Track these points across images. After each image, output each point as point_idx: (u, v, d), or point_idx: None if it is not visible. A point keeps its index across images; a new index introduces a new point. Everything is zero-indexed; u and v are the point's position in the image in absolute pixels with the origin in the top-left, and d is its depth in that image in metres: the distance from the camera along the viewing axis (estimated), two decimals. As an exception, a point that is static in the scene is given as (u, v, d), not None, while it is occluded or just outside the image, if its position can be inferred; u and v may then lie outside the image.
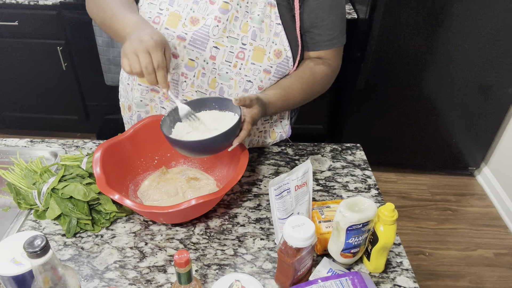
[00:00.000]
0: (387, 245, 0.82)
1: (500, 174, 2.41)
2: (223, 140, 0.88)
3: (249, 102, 0.92)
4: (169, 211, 0.84)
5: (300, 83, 1.05)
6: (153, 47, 0.83)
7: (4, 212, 1.09)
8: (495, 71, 2.14)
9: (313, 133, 2.65)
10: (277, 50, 1.00)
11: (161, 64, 0.84)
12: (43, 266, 0.61)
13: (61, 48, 2.29)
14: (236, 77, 1.02)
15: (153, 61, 0.83)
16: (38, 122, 2.65)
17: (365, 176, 1.13)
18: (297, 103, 1.08)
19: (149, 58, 0.83)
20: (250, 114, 0.93)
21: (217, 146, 0.89)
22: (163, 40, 0.86)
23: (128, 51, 0.83)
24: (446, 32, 2.03)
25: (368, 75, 2.19)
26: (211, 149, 0.91)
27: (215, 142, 0.87)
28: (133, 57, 0.83)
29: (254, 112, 0.94)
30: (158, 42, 0.84)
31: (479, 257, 2.10)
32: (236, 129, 0.89)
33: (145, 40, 0.83)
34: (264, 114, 0.99)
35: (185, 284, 0.70)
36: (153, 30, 0.86)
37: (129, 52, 0.83)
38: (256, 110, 0.94)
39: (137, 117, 1.14)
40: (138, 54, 0.82)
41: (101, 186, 0.88)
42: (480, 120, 2.32)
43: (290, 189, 0.85)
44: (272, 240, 0.94)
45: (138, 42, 0.83)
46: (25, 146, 1.19)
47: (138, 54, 0.82)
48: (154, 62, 0.83)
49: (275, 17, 0.98)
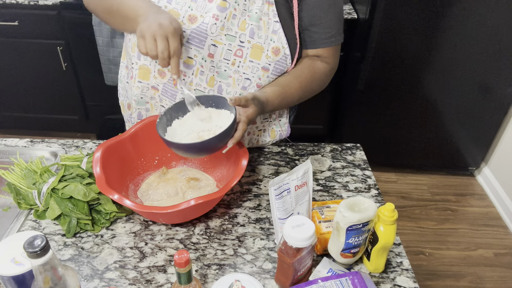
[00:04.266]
0: (387, 245, 0.82)
1: (500, 174, 2.41)
2: (218, 142, 0.89)
3: (245, 103, 0.93)
4: (168, 211, 0.84)
5: (298, 81, 1.05)
6: (172, 33, 0.84)
7: (4, 212, 1.09)
8: (495, 71, 2.14)
9: (313, 133, 2.65)
10: (275, 48, 1.00)
11: (177, 51, 0.86)
12: (43, 266, 0.61)
13: (61, 48, 2.29)
14: (235, 75, 1.02)
15: (169, 47, 0.84)
16: (38, 122, 2.65)
17: (365, 176, 1.13)
18: (295, 100, 1.08)
19: (167, 44, 0.84)
20: (246, 114, 0.93)
21: (211, 147, 0.90)
22: (180, 27, 0.88)
23: (147, 33, 0.84)
24: (446, 32, 2.03)
25: (368, 75, 2.19)
26: (206, 150, 0.92)
27: (209, 144, 0.88)
28: (151, 40, 0.84)
29: (250, 112, 0.94)
30: (177, 29, 0.85)
31: (479, 257, 2.10)
32: (231, 130, 0.90)
33: (165, 25, 0.84)
34: (261, 112, 0.99)
35: (185, 284, 0.70)
36: (171, 16, 0.88)
37: (148, 34, 0.84)
38: (252, 110, 0.94)
39: (137, 115, 1.14)
40: (156, 37, 0.84)
41: (100, 186, 0.88)
42: (480, 120, 2.32)
43: (290, 189, 0.85)
44: (272, 240, 0.94)
45: (158, 26, 0.84)
46: (25, 146, 1.19)
47: (157, 37, 0.84)
48: (171, 48, 0.85)
49: (273, 14, 0.99)
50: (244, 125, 0.92)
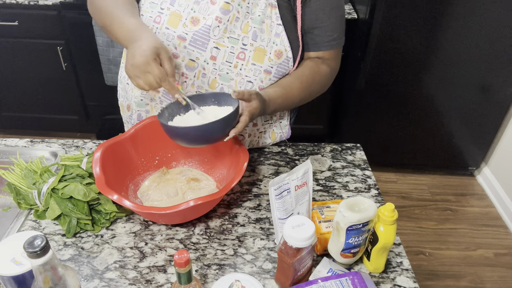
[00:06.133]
0: (387, 245, 0.82)
1: (500, 174, 2.41)
2: (218, 128, 0.88)
3: (248, 96, 0.92)
4: (167, 212, 0.84)
5: (299, 82, 1.05)
6: (146, 65, 0.83)
7: (4, 212, 1.09)
8: (495, 71, 2.14)
9: (313, 133, 2.65)
10: (278, 51, 1.00)
11: (161, 76, 0.84)
12: (43, 266, 0.61)
13: (61, 48, 2.29)
14: (237, 77, 1.02)
15: (153, 78, 0.84)
16: (38, 122, 2.65)
17: (365, 176, 1.13)
18: (296, 102, 1.08)
19: (149, 76, 0.84)
20: (249, 108, 0.92)
21: (212, 134, 0.89)
22: (155, 48, 0.84)
23: (131, 76, 0.86)
24: (446, 32, 2.03)
25: (368, 75, 2.19)
26: (206, 138, 0.90)
27: (209, 129, 0.86)
28: (137, 80, 0.86)
29: (253, 106, 0.93)
30: (149, 56, 0.83)
31: (479, 257, 2.10)
32: (233, 119, 0.89)
33: (137, 62, 0.83)
34: (263, 110, 0.98)
35: (185, 284, 0.70)
36: (143, 42, 0.84)
37: (132, 77, 0.86)
38: (255, 105, 0.93)
39: (137, 117, 1.14)
40: (138, 76, 0.85)
41: (100, 187, 0.88)
42: (480, 120, 2.32)
43: (290, 189, 0.85)
44: (272, 240, 0.94)
45: (132, 67, 0.84)
46: (25, 146, 1.19)
47: (139, 76, 0.85)
48: (154, 77, 0.84)
49: (276, 17, 0.99)
50: (246, 118, 0.91)
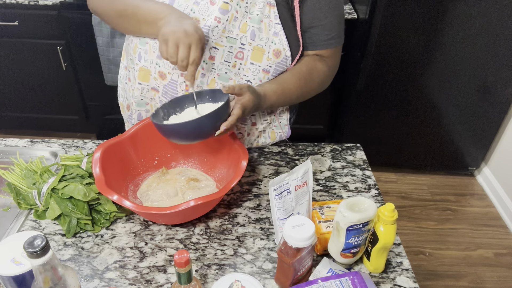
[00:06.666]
0: (387, 245, 0.82)
1: (500, 174, 2.41)
2: (208, 123, 0.88)
3: (239, 91, 0.92)
4: (167, 212, 0.84)
5: (296, 78, 1.05)
6: (196, 42, 0.84)
7: (4, 212, 1.09)
8: (495, 71, 2.14)
9: (313, 133, 2.65)
10: (276, 50, 1.00)
11: (197, 60, 0.85)
12: (43, 266, 0.61)
13: (61, 48, 2.29)
14: (235, 77, 1.02)
15: (190, 56, 0.84)
16: (38, 122, 2.65)
17: (365, 176, 1.13)
18: (293, 98, 1.07)
19: (188, 52, 0.84)
20: (241, 101, 0.92)
21: (202, 129, 0.89)
22: (204, 36, 0.88)
23: (170, 39, 0.84)
24: (446, 32, 2.03)
25: (368, 75, 2.19)
26: (197, 133, 0.90)
27: (199, 124, 0.87)
28: (173, 47, 0.84)
29: (246, 99, 0.93)
30: (201, 38, 0.86)
31: (479, 257, 2.10)
32: (223, 113, 0.89)
33: (190, 33, 0.84)
34: (258, 104, 0.97)
35: (185, 284, 0.70)
36: (196, 24, 0.87)
37: (171, 40, 0.84)
38: (247, 97, 0.93)
39: (137, 116, 1.14)
40: (179, 44, 0.84)
41: (100, 187, 0.88)
42: (480, 120, 2.32)
43: (290, 189, 0.85)
44: (272, 240, 0.94)
45: (183, 33, 0.83)
46: (25, 146, 1.19)
47: (180, 44, 0.84)
48: (191, 57, 0.85)
49: (274, 16, 0.99)
50: (238, 110, 0.91)
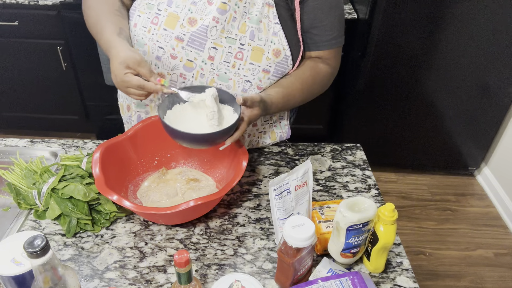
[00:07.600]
0: (387, 245, 0.82)
1: (500, 174, 2.41)
2: (217, 137, 0.90)
3: (251, 104, 0.93)
4: (167, 212, 0.84)
5: (300, 82, 1.05)
6: (122, 82, 0.88)
7: (4, 212, 1.09)
8: (495, 71, 2.14)
9: (313, 133, 2.64)
10: (276, 50, 1.00)
11: (139, 84, 0.87)
12: (43, 266, 0.61)
13: (61, 48, 2.29)
14: (235, 77, 1.02)
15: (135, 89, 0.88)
16: (38, 122, 2.65)
17: (365, 176, 1.13)
18: (297, 102, 1.09)
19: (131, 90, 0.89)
20: (249, 115, 0.94)
21: (210, 141, 0.91)
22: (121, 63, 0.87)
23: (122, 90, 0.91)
24: (446, 32, 2.03)
25: (368, 75, 2.19)
26: (204, 143, 0.92)
27: (209, 137, 0.89)
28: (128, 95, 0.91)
29: (254, 113, 0.95)
30: (120, 75, 0.87)
31: (479, 257, 2.10)
32: (233, 128, 0.91)
33: (116, 83, 0.89)
34: (264, 114, 1.00)
35: (185, 284, 0.70)
36: (112, 63, 0.89)
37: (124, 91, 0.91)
38: (256, 112, 0.95)
39: (137, 117, 1.14)
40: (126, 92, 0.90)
41: (100, 187, 0.88)
42: (480, 120, 2.32)
43: (290, 189, 0.85)
44: (272, 240, 0.94)
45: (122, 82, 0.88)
46: (25, 146, 1.19)
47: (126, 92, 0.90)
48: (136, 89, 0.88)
49: (273, 16, 0.99)
50: (244, 125, 0.94)
